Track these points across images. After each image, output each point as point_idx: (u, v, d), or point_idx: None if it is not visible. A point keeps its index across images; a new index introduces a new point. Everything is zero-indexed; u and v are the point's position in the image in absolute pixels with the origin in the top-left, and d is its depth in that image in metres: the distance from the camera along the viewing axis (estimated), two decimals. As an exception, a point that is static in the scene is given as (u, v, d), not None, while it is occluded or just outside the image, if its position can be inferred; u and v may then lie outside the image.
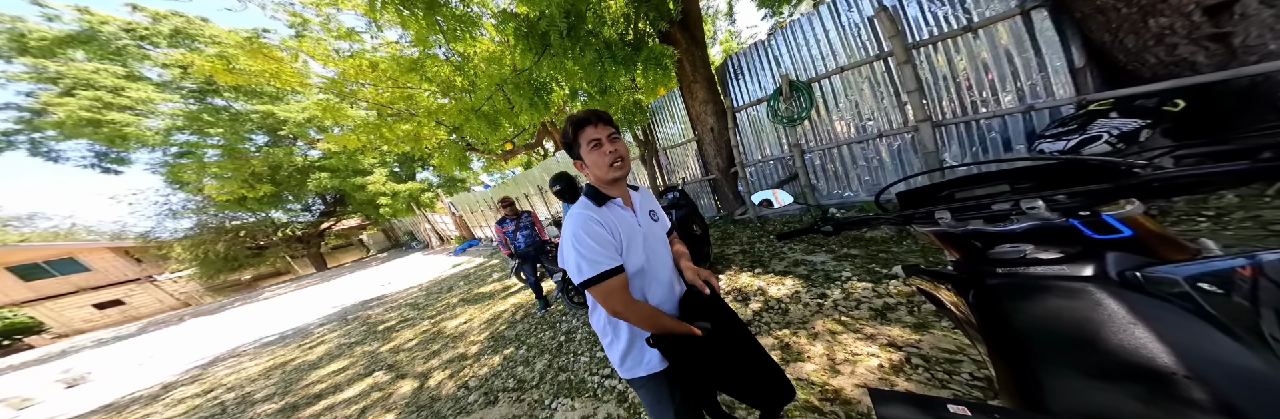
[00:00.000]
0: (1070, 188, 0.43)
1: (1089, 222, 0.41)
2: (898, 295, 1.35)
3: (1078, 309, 0.36)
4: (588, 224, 0.58)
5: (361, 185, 11.93)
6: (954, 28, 1.88)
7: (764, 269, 2.03)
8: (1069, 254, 0.41)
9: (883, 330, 1.18)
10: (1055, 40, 1.63)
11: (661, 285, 0.65)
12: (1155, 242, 0.41)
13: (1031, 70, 1.72)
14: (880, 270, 1.58)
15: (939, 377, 0.93)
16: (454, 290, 4.48)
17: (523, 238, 2.51)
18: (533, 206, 6.63)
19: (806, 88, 2.56)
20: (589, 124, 0.58)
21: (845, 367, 1.06)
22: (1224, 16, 1.22)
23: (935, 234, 0.57)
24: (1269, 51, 1.17)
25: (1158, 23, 1.33)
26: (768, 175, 3.12)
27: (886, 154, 2.34)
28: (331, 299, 6.56)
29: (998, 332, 0.41)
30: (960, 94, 1.96)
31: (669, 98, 3.76)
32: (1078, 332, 0.35)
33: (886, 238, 1.89)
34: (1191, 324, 0.32)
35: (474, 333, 2.58)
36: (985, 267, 0.47)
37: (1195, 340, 0.31)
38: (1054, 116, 1.65)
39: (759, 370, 0.60)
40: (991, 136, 1.87)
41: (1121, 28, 1.43)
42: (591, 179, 0.64)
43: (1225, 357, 0.30)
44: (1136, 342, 0.32)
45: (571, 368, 1.58)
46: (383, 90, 5.12)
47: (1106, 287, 0.37)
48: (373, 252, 20.40)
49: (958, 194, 0.55)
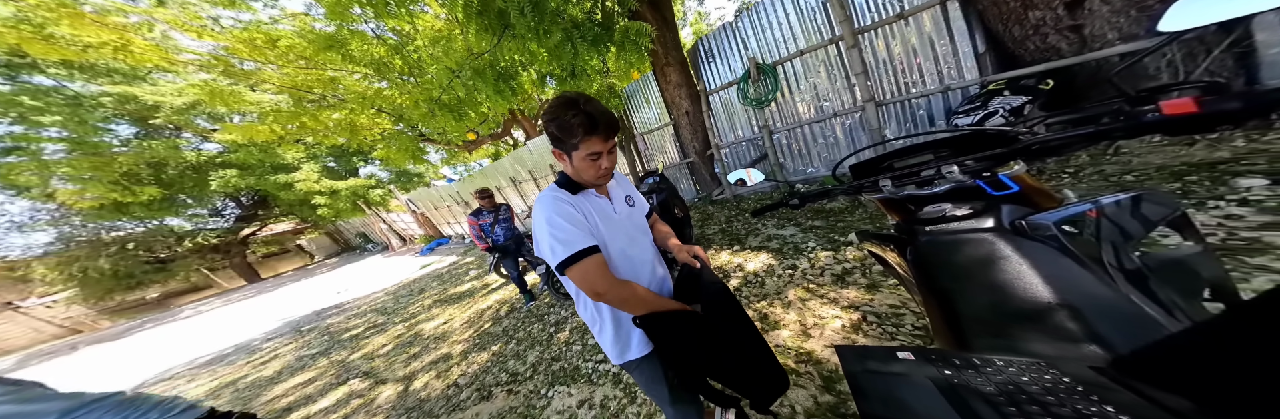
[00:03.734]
0: (976, 154, 0.51)
1: (989, 181, 0.50)
2: (853, 260, 1.54)
3: (983, 256, 0.44)
4: (558, 206, 0.56)
5: (287, 184, 10.19)
6: (890, 15, 2.06)
7: (742, 246, 2.18)
8: (976, 210, 0.50)
9: (843, 294, 1.34)
10: (964, 29, 1.89)
11: (645, 271, 0.64)
12: (1035, 194, 0.51)
13: (948, 55, 1.98)
14: (839, 238, 1.79)
15: (889, 330, 1.08)
16: (427, 292, 4.26)
17: (501, 231, 2.41)
18: (506, 199, 6.26)
19: (772, 70, 2.63)
20: (598, 134, 0.53)
21: (815, 330, 1.19)
22: (1078, 11, 1.54)
23: (879, 201, 0.65)
24: (1108, 40, 1.51)
25: (1034, 15, 1.64)
26: (741, 156, 3.26)
27: (840, 132, 2.57)
28: (276, 312, 5.90)
29: (928, 282, 0.48)
30: (897, 76, 2.19)
31: (643, 82, 3.63)
32: (984, 275, 0.42)
33: (843, 208, 2.13)
34: (1059, 260, 0.40)
35: (457, 332, 2.52)
36: (917, 226, 0.54)
37: (1062, 273, 0.38)
38: (965, 95, 1.96)
39: (751, 358, 0.55)
40: (919, 114, 2.16)
41: (1010, 19, 1.74)
42: (569, 172, 0.62)
43: (1081, 284, 0.37)
44: (1024, 279, 0.39)
45: (564, 357, 1.61)
46: (294, 72, 4.25)
47: (1002, 235, 0.44)
48: (318, 257, 18.42)
49: (895, 164, 0.63)
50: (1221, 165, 1.25)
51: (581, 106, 0.52)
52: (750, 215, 0.95)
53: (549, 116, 0.54)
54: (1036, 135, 0.47)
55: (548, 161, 5.01)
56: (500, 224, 2.40)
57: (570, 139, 0.54)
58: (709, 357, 0.55)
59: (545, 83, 3.26)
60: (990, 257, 0.43)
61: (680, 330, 0.56)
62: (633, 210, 0.69)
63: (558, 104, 0.53)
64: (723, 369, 0.55)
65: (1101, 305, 0.35)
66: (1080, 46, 1.58)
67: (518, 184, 5.83)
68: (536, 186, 5.61)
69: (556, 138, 0.56)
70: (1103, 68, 1.54)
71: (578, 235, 0.54)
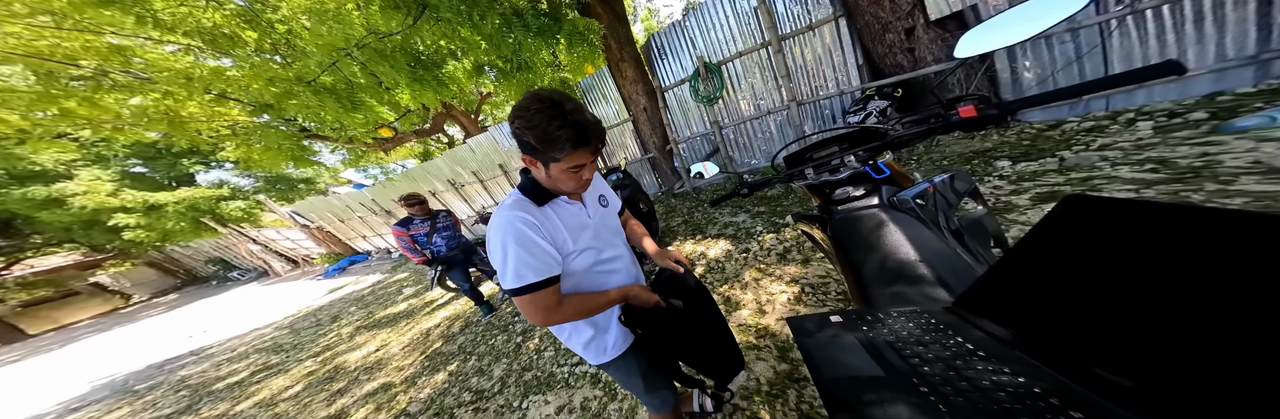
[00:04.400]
0: (863, 145, 0.68)
1: (872, 167, 0.66)
2: (791, 240, 1.77)
3: (873, 227, 0.56)
4: (519, 232, 0.50)
5: (51, 199, 6.88)
6: (802, 25, 2.44)
7: (703, 235, 2.37)
8: (867, 191, 0.66)
9: (785, 270, 1.51)
10: (850, 43, 2.36)
11: (620, 271, 0.63)
12: (899, 177, 0.70)
13: (841, 64, 2.45)
14: (779, 221, 2.05)
15: (820, 298, 1.26)
16: (345, 319, 3.57)
17: (443, 241, 2.12)
18: (446, 204, 5.42)
19: (718, 69, 2.83)
20: (587, 147, 0.47)
21: (768, 307, 1.32)
22: (912, 37, 2.09)
23: (805, 186, 0.80)
24: (928, 61, 2.06)
25: (888, 37, 2.13)
26: (697, 150, 3.47)
27: (774, 128, 2.95)
28: (79, 374, 4.25)
29: (842, 253, 0.58)
30: (810, 80, 2.61)
31: (598, 77, 3.54)
32: (875, 243, 0.53)
33: (780, 195, 2.48)
34: (917, 226, 0.54)
35: (397, 358, 2.20)
36: (832, 206, 0.66)
37: (920, 236, 0.52)
38: (853, 98, 2.50)
39: (718, 346, 0.63)
40: (826, 113, 2.66)
41: (874, 39, 2.21)
42: (541, 180, 0.54)
43: (931, 244, 0.50)
44: (898, 243, 0.51)
45: (536, 365, 1.56)
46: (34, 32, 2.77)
47: (884, 209, 0.59)
48: (139, 297, 13.40)
49: (813, 155, 0.77)
50: (987, 152, 1.84)
51: (568, 116, 0.44)
52: (709, 205, 1.10)
53: (526, 124, 0.45)
54: (896, 131, 0.64)
55: (496, 161, 4.54)
56: (440, 233, 2.11)
57: (552, 151, 0.47)
58: (685, 347, 0.62)
59: (482, 72, 2.88)
60: (877, 227, 0.57)
61: (663, 325, 0.61)
62: (606, 211, 0.66)
63: (537, 110, 0.44)
64: (695, 356, 0.63)
65: (944, 259, 0.48)
66: (913, 65, 2.13)
67: (459, 187, 5.11)
68: (485, 190, 5.00)
69: (532, 147, 0.47)
70: (928, 81, 2.11)
71: (535, 267, 0.50)
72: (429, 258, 2.13)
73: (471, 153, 4.61)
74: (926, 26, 2.03)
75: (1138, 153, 1.37)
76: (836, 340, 0.36)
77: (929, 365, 0.30)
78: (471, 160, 4.70)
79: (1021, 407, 0.24)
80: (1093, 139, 1.58)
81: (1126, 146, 1.44)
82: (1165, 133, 1.43)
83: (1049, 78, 1.79)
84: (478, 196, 5.14)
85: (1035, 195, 1.35)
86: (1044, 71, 1.81)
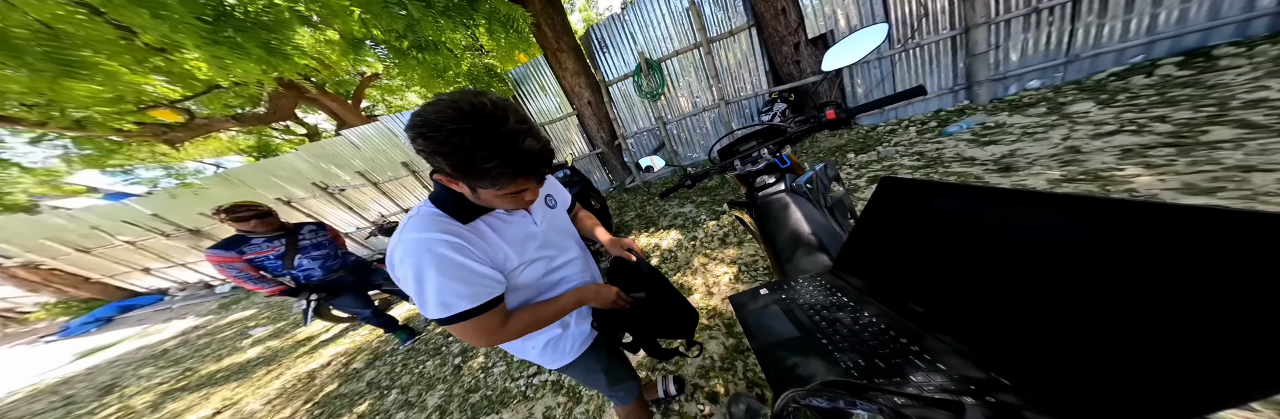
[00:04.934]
0: (773, 140, 0.84)
1: (779, 158, 0.83)
2: (728, 225, 1.96)
3: (782, 209, 0.70)
4: (442, 259, 0.40)
5: None
6: (725, 31, 2.74)
7: (656, 227, 2.49)
8: (777, 179, 0.83)
9: (726, 253, 1.66)
10: (760, 51, 2.78)
11: (575, 270, 0.60)
12: (796, 167, 0.91)
13: (754, 69, 2.88)
14: (718, 209, 2.26)
15: (753, 274, 1.43)
16: (135, 385, 2.48)
17: (313, 262, 1.59)
18: (318, 214, 4.02)
19: (659, 66, 2.95)
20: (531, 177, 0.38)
21: (715, 289, 1.43)
22: (798, 51, 2.49)
23: (735, 177, 0.93)
24: (807, 73, 2.55)
25: (783, 49, 2.54)
26: (645, 145, 3.57)
27: (709, 124, 3.27)
28: None
29: (765, 232, 0.70)
30: (734, 81, 2.99)
31: (534, 67, 3.21)
32: (784, 222, 0.66)
33: (717, 185, 2.81)
34: (809, 206, 0.69)
35: (265, 415, 1.68)
36: (756, 193, 0.80)
37: (811, 214, 0.66)
38: (764, 100, 2.98)
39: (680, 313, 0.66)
40: (747, 112, 3.11)
41: (775, 49, 2.60)
42: (468, 197, 0.42)
43: (818, 219, 0.65)
44: (798, 221, 0.64)
45: (485, 384, 1.43)
46: None
47: (789, 194, 0.74)
48: None
49: (741, 148, 0.92)
50: (842, 147, 2.42)
51: (503, 141, 0.33)
52: (659, 198, 1.18)
53: (437, 146, 0.32)
54: (792, 128, 0.82)
55: (398, 158, 3.59)
56: (308, 253, 1.58)
57: (477, 181, 0.37)
58: (657, 326, 0.66)
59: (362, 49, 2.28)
60: (785, 208, 0.70)
61: (633, 319, 0.63)
62: (555, 213, 0.59)
63: (454, 130, 0.31)
64: (665, 329, 0.68)
65: (826, 231, 0.62)
66: (800, 74, 2.56)
67: (337, 192, 3.83)
68: (383, 195, 3.89)
69: (447, 172, 0.36)
70: (808, 89, 2.59)
71: (468, 295, 0.41)
72: (291, 287, 1.58)
73: (355, 148, 3.48)
74: (806, 43, 2.48)
75: (910, 148, 2.05)
76: (765, 310, 0.43)
77: (825, 320, 0.38)
78: (354, 158, 3.57)
79: (877, 342, 0.33)
80: (891, 138, 2.29)
81: (905, 143, 2.13)
82: (921, 135, 2.17)
83: (870, 92, 2.57)
84: (372, 204, 4.03)
85: (869, 178, 1.90)
86: (868, 87, 2.57)
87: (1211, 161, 1.12)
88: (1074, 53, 2.07)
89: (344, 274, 1.69)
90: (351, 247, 4.33)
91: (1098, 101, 1.76)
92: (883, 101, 0.63)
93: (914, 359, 0.30)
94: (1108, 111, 1.64)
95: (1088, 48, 2.04)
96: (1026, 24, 2.08)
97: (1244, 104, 1.33)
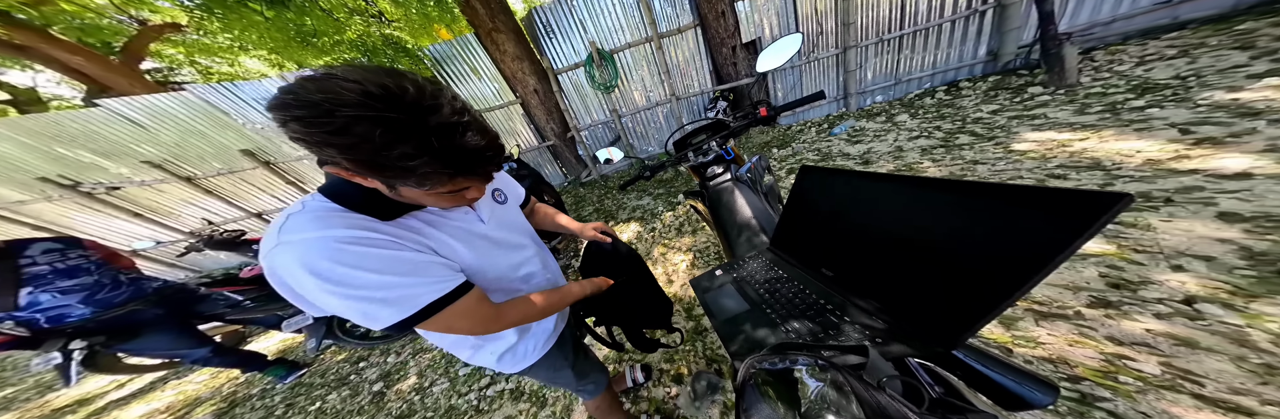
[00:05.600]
0: (719, 133, 0.98)
1: (725, 150, 0.98)
2: (682, 215, 2.15)
3: (729, 196, 0.81)
4: (360, 256, 0.31)
5: None
6: (674, 27, 2.88)
7: (615, 220, 2.50)
8: (724, 169, 0.97)
9: (681, 242, 1.80)
10: (704, 50, 2.87)
11: (536, 269, 0.54)
12: (738, 158, 1.09)
13: (701, 68, 3.12)
14: (673, 200, 2.47)
15: (705, 260, 1.58)
16: None
17: (67, 299, 1.10)
18: (67, 227, 2.65)
19: (612, 57, 2.90)
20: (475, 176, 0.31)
21: (674, 277, 1.54)
22: (735, 53, 2.77)
23: (690, 168, 1.05)
24: (743, 74, 2.84)
25: (722, 51, 2.79)
26: (600, 138, 3.52)
27: (663, 118, 3.44)
28: None
29: (716, 218, 0.79)
30: (683, 78, 3.20)
31: (462, 45, 2.74)
32: (732, 208, 0.77)
33: (672, 177, 3.03)
34: (751, 193, 0.81)
35: None
36: (707, 183, 0.92)
37: (752, 200, 0.77)
38: (708, 97, 3.31)
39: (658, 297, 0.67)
40: (696, 108, 3.40)
41: (716, 50, 2.83)
42: (382, 190, 0.33)
43: (757, 205, 0.76)
44: (743, 207, 0.75)
45: (423, 406, 1.29)
46: None
47: (735, 182, 0.87)
48: None
49: (693, 141, 1.04)
50: (768, 143, 2.82)
51: (434, 139, 0.26)
52: (618, 190, 1.23)
53: (327, 137, 0.25)
54: (733, 123, 0.97)
55: (231, 144, 2.60)
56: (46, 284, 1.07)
57: (402, 180, 0.29)
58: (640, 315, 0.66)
59: None
60: (732, 196, 0.82)
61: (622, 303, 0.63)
62: (505, 209, 0.52)
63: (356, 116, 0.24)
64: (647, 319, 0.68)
65: (764, 215, 0.74)
66: (737, 76, 2.84)
67: (105, 191, 2.57)
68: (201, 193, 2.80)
69: (346, 168, 0.28)
70: (745, 89, 2.88)
71: (423, 284, 0.34)
72: (23, 336, 1.10)
73: (138, 128, 2.35)
74: (741, 47, 2.73)
75: (811, 145, 2.56)
76: (721, 290, 0.48)
77: (769, 293, 0.43)
78: (141, 142, 2.40)
79: (806, 305, 0.39)
80: (800, 137, 2.79)
81: (808, 141, 2.64)
82: (819, 135, 2.73)
83: (787, 95, 3.10)
84: (187, 206, 2.84)
85: (787, 170, 2.34)
86: (785, 91, 3.11)
87: (958, 157, 1.71)
88: (898, 76, 2.94)
89: (139, 307, 1.22)
90: (153, 270, 3.01)
91: (910, 114, 2.56)
92: (797, 103, 0.81)
93: (830, 317, 0.36)
94: (914, 121, 2.42)
95: (906, 73, 2.92)
96: (876, 50, 2.83)
97: (972, 120, 2.17)
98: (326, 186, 0.35)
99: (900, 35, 2.68)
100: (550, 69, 2.92)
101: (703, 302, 0.48)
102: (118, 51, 3.61)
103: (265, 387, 1.65)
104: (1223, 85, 1.49)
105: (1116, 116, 1.58)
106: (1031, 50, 2.43)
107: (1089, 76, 2.10)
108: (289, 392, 1.57)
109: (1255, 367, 0.66)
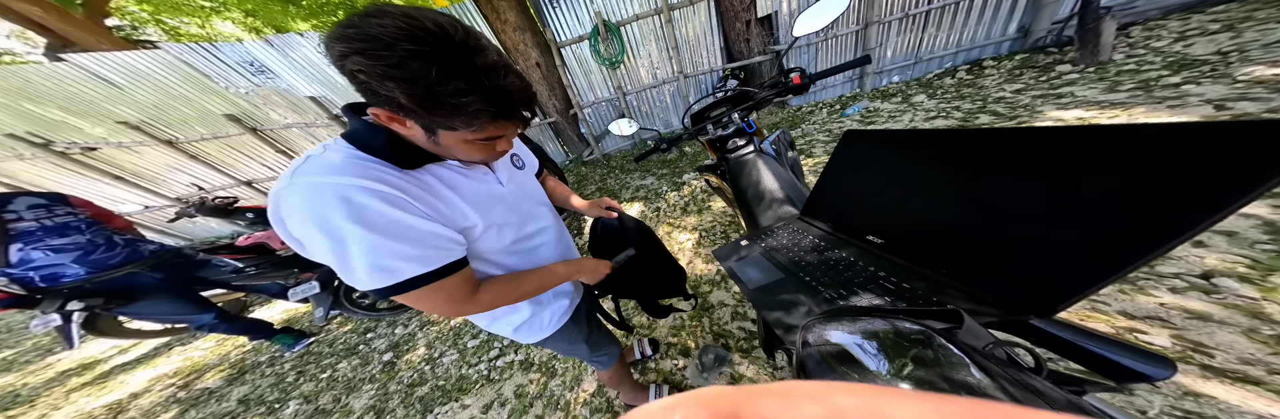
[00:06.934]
0: (741, 105, 0.94)
1: (746, 122, 0.95)
2: (688, 195, 2.12)
3: (752, 169, 0.79)
4: (362, 211, 0.30)
5: None
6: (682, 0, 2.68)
7: (619, 199, 2.52)
8: (747, 141, 0.92)
9: (687, 221, 1.79)
10: (717, 26, 2.85)
11: (547, 245, 0.52)
12: (759, 132, 1.04)
13: (711, 45, 2.96)
14: (678, 180, 2.42)
15: (713, 239, 1.58)
16: None
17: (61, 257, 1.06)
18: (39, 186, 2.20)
19: (618, 30, 2.69)
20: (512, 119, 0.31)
21: (680, 255, 1.52)
22: (748, 31, 2.64)
23: (706, 142, 0.98)
24: (755, 52, 2.76)
25: (736, 27, 2.65)
26: (604, 116, 3.37)
27: (669, 97, 3.28)
28: None
29: (736, 191, 0.79)
30: (693, 55, 3.02)
31: (459, 12, 2.53)
32: (755, 180, 0.76)
33: (677, 158, 2.96)
34: (776, 165, 0.80)
35: None
36: (726, 156, 0.90)
37: (777, 172, 0.77)
38: (719, 75, 3.16)
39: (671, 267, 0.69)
40: (704, 87, 3.26)
41: (729, 27, 2.69)
42: (412, 138, 0.33)
43: (783, 177, 0.76)
44: (768, 178, 0.75)
45: (433, 375, 1.29)
46: None
47: (758, 154, 0.85)
48: None
49: (711, 113, 0.99)
50: (778, 123, 2.79)
51: (482, 73, 0.27)
52: (634, 161, 1.19)
53: (386, 71, 0.25)
54: (761, 93, 0.91)
55: (214, 108, 2.40)
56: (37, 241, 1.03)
57: (447, 119, 0.29)
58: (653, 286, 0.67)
59: None
60: (755, 167, 0.80)
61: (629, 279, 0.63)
62: (523, 175, 0.51)
63: (411, 52, 0.24)
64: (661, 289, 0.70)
65: (791, 186, 0.74)
66: (749, 53, 2.76)
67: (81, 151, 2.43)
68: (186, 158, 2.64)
69: (403, 107, 0.27)
70: (758, 67, 2.81)
71: (411, 257, 0.33)
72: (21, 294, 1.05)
73: (111, 86, 2.17)
74: (756, 22, 2.58)
75: (822, 126, 2.52)
76: (748, 258, 0.49)
77: (802, 260, 0.43)
78: (116, 102, 2.23)
79: (851, 272, 0.38)
80: (810, 118, 2.73)
81: (819, 123, 2.62)
82: (830, 116, 2.69)
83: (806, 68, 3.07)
84: (168, 174, 2.71)
85: (800, 150, 2.33)
86: (805, 65, 2.98)
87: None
88: (919, 55, 2.77)
89: (136, 270, 1.17)
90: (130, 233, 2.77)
91: (928, 95, 2.45)
92: (837, 69, 0.73)
93: (884, 283, 0.34)
94: (932, 102, 2.32)
95: (927, 52, 2.75)
96: (900, 27, 2.64)
97: (994, 100, 2.07)
98: (351, 133, 0.34)
99: (928, 10, 2.48)
100: (553, 42, 2.71)
101: (729, 271, 0.48)
102: (80, 4, 3.24)
103: (274, 354, 1.64)
104: (1266, 60, 1.41)
105: (1149, 94, 1.50)
106: (1066, 26, 2.28)
107: (1123, 53, 1.98)
108: (298, 360, 1.56)
109: (1266, 338, 0.66)
